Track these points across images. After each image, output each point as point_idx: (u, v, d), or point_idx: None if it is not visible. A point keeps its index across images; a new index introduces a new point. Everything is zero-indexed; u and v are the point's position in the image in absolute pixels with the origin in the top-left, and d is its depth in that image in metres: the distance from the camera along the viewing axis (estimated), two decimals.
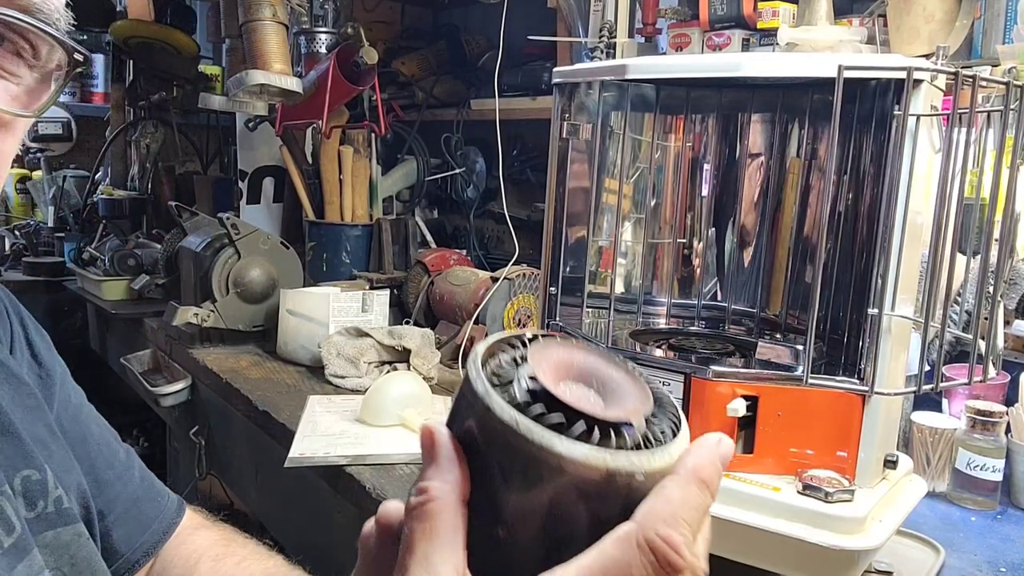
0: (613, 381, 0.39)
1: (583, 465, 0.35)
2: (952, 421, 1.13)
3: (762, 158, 1.02)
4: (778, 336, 1.00)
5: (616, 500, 0.36)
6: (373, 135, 2.07)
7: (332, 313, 1.63)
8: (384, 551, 0.40)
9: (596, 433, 0.36)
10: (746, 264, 1.06)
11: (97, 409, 0.77)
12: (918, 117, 0.77)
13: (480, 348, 0.39)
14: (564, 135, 0.98)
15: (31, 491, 0.59)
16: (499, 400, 0.36)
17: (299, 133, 2.13)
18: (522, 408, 0.36)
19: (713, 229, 1.07)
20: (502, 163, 1.88)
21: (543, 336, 0.40)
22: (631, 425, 0.37)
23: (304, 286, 1.87)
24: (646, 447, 0.37)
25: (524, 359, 0.39)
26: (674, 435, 0.38)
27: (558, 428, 0.35)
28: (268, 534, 1.44)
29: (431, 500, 0.35)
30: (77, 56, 0.51)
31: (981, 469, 1.06)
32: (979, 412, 1.07)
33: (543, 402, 0.36)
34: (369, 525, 0.44)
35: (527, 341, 0.40)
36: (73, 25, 0.51)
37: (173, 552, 0.75)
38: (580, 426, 0.36)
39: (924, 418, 1.13)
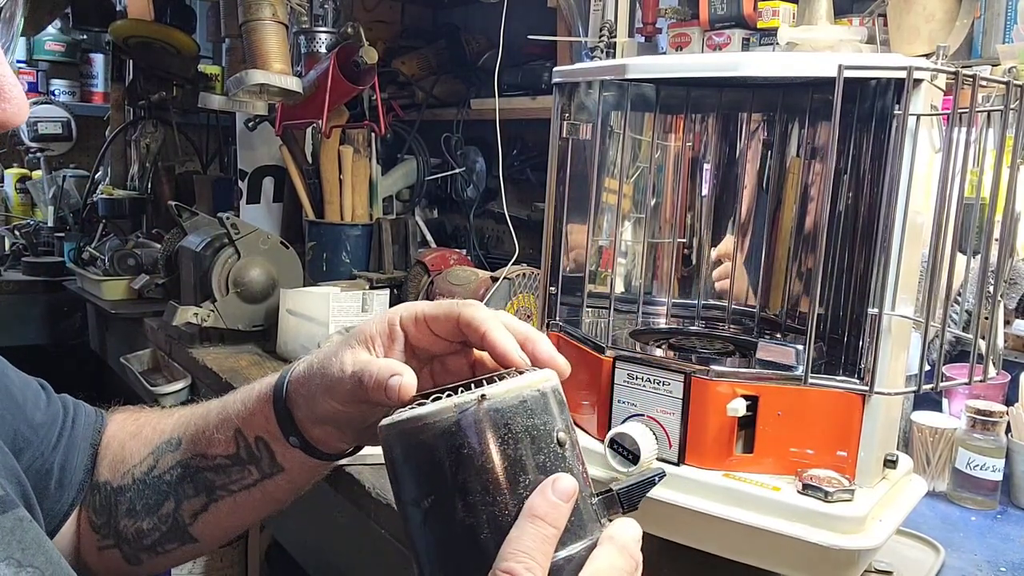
0: None
1: (438, 411, 0.47)
2: (952, 421, 1.13)
3: (762, 157, 1.02)
4: (778, 336, 1.00)
5: (488, 432, 0.46)
6: (373, 135, 2.07)
7: (332, 313, 1.63)
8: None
9: (446, 395, 0.49)
10: (741, 262, 1.06)
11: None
12: (918, 117, 0.77)
13: None
14: (564, 135, 0.98)
15: None
16: (385, 418, 0.50)
17: (299, 133, 2.13)
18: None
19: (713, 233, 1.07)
20: (502, 163, 1.88)
21: None
22: (471, 387, 0.49)
23: (304, 286, 1.87)
24: None
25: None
26: None
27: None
28: (268, 533, 1.44)
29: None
30: None
31: (981, 469, 1.06)
32: (979, 412, 1.07)
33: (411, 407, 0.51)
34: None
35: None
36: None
37: (100, 452, 0.75)
38: (432, 398, 0.49)
39: (924, 418, 1.13)
